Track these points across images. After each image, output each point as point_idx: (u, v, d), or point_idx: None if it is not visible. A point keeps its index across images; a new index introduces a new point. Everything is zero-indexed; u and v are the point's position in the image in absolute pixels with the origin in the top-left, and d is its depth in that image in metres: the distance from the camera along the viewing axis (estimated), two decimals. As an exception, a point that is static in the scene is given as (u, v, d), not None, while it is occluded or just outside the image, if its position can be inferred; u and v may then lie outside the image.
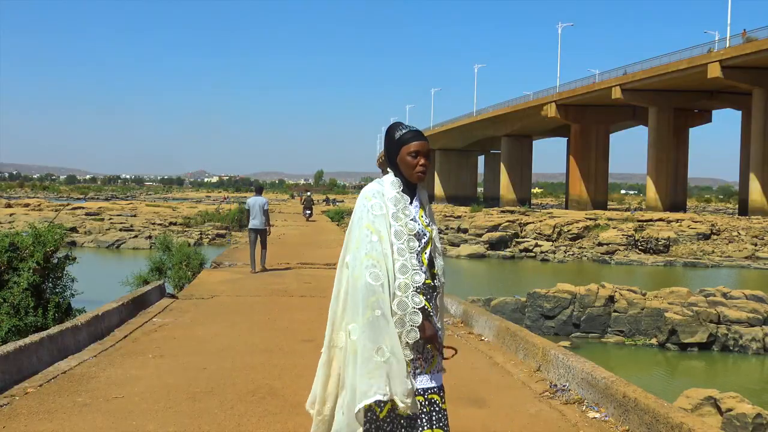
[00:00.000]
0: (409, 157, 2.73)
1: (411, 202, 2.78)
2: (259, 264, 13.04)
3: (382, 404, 2.60)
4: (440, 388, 2.75)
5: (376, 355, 2.55)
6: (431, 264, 2.78)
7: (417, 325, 2.61)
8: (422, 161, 2.74)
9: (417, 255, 2.69)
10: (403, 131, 2.77)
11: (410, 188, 2.81)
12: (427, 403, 2.67)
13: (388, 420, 2.62)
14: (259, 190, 13.78)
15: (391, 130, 2.80)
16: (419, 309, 2.62)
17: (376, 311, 2.57)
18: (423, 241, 2.74)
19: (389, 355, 2.55)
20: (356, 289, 2.62)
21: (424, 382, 2.69)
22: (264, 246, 13.12)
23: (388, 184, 2.77)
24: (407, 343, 2.60)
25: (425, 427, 2.64)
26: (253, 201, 13.00)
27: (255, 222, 12.86)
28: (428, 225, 2.79)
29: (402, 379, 2.56)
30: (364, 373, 2.56)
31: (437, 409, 2.70)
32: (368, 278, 2.59)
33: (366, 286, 2.59)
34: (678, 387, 9.63)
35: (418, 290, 2.66)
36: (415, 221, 2.75)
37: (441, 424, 2.69)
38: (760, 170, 47.58)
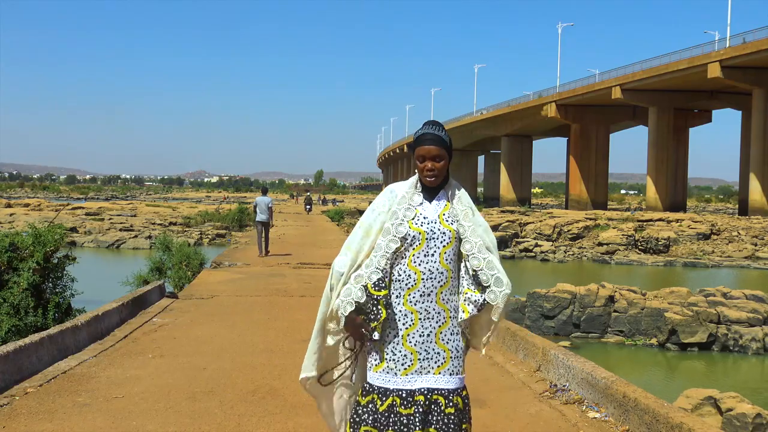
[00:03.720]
0: (417, 160, 2.74)
1: (431, 201, 2.76)
2: (264, 249, 15.69)
3: (384, 397, 2.66)
4: (451, 391, 2.68)
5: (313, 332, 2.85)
6: (452, 266, 2.75)
7: (345, 314, 2.67)
8: (428, 165, 2.70)
9: (391, 255, 2.69)
10: (420, 132, 2.75)
11: (433, 188, 2.77)
12: (427, 403, 2.65)
13: (386, 414, 2.65)
14: (264, 191, 17.19)
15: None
16: (355, 301, 2.67)
17: (326, 293, 2.78)
18: (438, 241, 2.70)
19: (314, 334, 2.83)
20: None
21: (428, 381, 2.67)
22: (267, 236, 15.88)
23: (409, 183, 2.81)
24: (329, 329, 2.77)
25: (417, 427, 2.62)
26: (260, 200, 15.95)
27: (261, 216, 15.70)
28: (451, 224, 2.73)
29: (308, 360, 2.85)
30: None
31: (438, 410, 2.65)
32: (335, 264, 2.76)
33: (331, 269, 2.77)
34: (678, 387, 9.63)
35: (374, 287, 2.68)
36: (419, 221, 2.71)
37: (438, 426, 2.64)
38: (760, 170, 47.60)
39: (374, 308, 2.68)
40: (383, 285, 2.68)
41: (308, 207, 43.65)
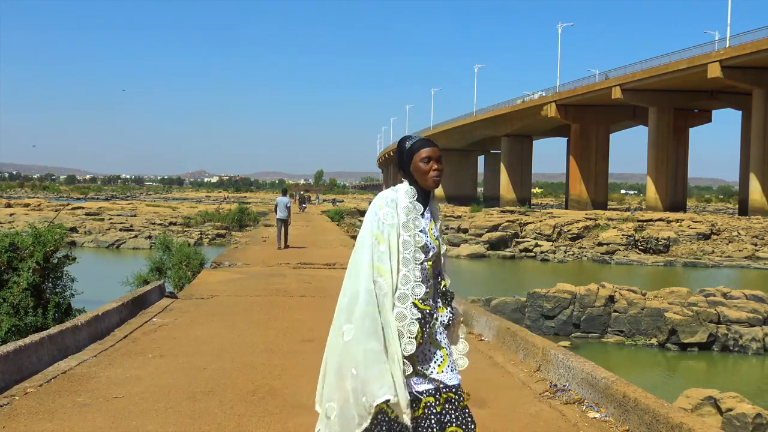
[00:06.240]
0: (421, 163, 2.75)
1: (423, 214, 2.79)
2: (283, 243, 17.81)
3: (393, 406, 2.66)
4: (458, 387, 2.73)
5: (381, 357, 2.57)
6: (439, 278, 2.84)
7: (414, 335, 2.62)
8: (435, 166, 2.75)
9: (421, 267, 2.70)
10: (414, 140, 2.82)
11: (424, 198, 2.82)
12: (437, 403, 2.67)
13: (397, 420, 2.63)
14: (284, 192, 19.99)
15: (401, 143, 2.84)
16: (416, 320, 2.63)
17: (377, 318, 2.59)
18: (430, 254, 2.76)
19: (394, 359, 2.58)
20: (357, 294, 2.63)
21: (432, 382, 2.69)
22: (287, 231, 18.08)
23: (402, 192, 2.77)
24: (403, 354, 2.61)
25: (434, 428, 2.64)
26: (280, 200, 18.21)
27: (281, 214, 17.80)
28: (437, 239, 2.81)
29: (402, 384, 2.58)
30: (373, 375, 2.56)
31: (454, 408, 2.70)
32: (372, 286, 2.61)
33: (368, 292, 2.61)
34: (678, 387, 9.64)
35: (421, 302, 2.67)
36: (424, 233, 2.76)
37: (459, 422, 2.68)
38: (760, 170, 47.60)
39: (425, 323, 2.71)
40: (428, 299, 2.72)
41: (303, 206, 45.92)
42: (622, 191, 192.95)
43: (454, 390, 2.71)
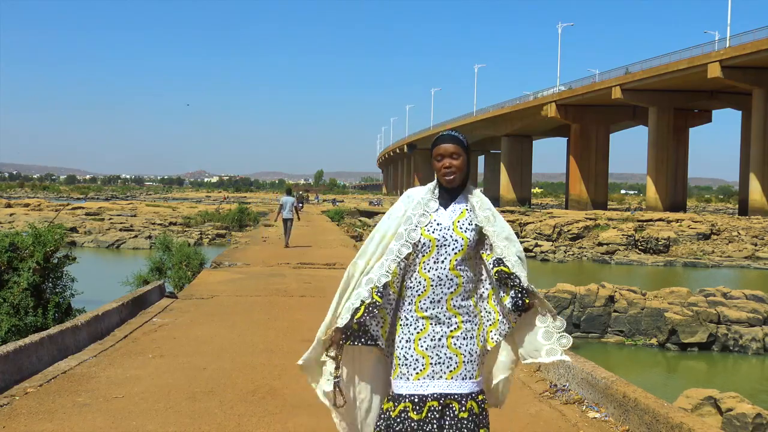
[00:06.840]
0: (435, 161, 2.76)
1: (447, 207, 2.76)
2: (286, 242, 18.25)
3: (396, 402, 2.66)
4: (464, 396, 2.67)
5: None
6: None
7: (351, 312, 2.69)
8: (446, 163, 2.72)
9: (402, 260, 2.71)
10: (438, 136, 2.81)
11: (450, 193, 2.79)
12: (441, 408, 2.64)
13: (399, 420, 2.64)
14: (289, 192, 20.25)
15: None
16: (362, 300, 2.68)
17: (340, 297, 2.79)
18: (449, 248, 2.71)
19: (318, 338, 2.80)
20: None
21: (440, 387, 2.66)
22: (290, 231, 18.45)
23: (425, 188, 2.83)
24: (337, 326, 2.72)
25: None
26: (285, 199, 18.70)
27: (287, 214, 18.25)
28: (465, 231, 2.72)
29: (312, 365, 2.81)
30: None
31: (451, 415, 2.64)
32: (350, 268, 2.81)
33: (346, 273, 2.81)
34: (678, 387, 9.63)
35: (377, 291, 2.70)
36: (440, 226, 2.71)
37: (452, 431, 2.63)
38: (760, 170, 47.60)
39: (376, 313, 2.74)
40: (386, 292, 2.72)
41: (300, 205, 46.90)
42: (622, 191, 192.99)
43: (457, 398, 2.66)
